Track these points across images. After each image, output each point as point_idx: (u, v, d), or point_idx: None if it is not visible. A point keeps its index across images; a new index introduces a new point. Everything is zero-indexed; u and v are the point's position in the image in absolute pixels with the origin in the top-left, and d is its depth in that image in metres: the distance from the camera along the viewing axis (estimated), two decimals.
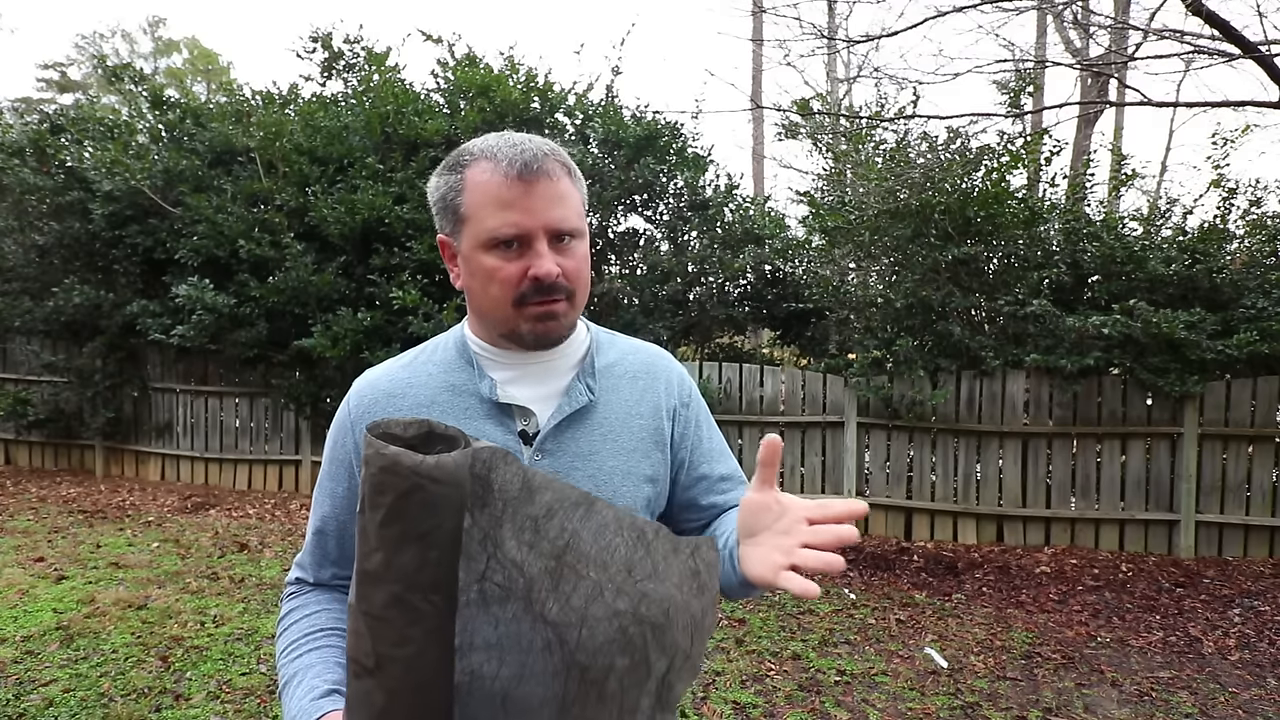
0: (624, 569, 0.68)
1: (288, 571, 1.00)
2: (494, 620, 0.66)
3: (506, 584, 0.66)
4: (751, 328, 7.75)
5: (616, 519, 0.70)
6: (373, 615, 0.65)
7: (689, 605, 0.72)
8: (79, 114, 7.46)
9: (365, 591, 0.65)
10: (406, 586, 0.64)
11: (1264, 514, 4.88)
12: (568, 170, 0.89)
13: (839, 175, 6.81)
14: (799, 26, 18.85)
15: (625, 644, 0.68)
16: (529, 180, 0.84)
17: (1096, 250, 5.15)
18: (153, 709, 2.83)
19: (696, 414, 1.04)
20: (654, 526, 0.71)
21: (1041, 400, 5.20)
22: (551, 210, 0.85)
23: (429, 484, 0.63)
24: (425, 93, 6.95)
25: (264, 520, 5.79)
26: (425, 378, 0.95)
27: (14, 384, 7.45)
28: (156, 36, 26.68)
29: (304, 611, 0.95)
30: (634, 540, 0.69)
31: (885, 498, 5.50)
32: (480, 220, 0.85)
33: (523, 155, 0.85)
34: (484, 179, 0.85)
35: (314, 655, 0.88)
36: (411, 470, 0.63)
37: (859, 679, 3.21)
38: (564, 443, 0.91)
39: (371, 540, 0.64)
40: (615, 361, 0.99)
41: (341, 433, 0.96)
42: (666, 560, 0.70)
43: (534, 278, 0.84)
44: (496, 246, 0.85)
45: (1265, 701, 3.04)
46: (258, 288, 5.98)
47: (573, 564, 0.67)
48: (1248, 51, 4.22)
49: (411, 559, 0.64)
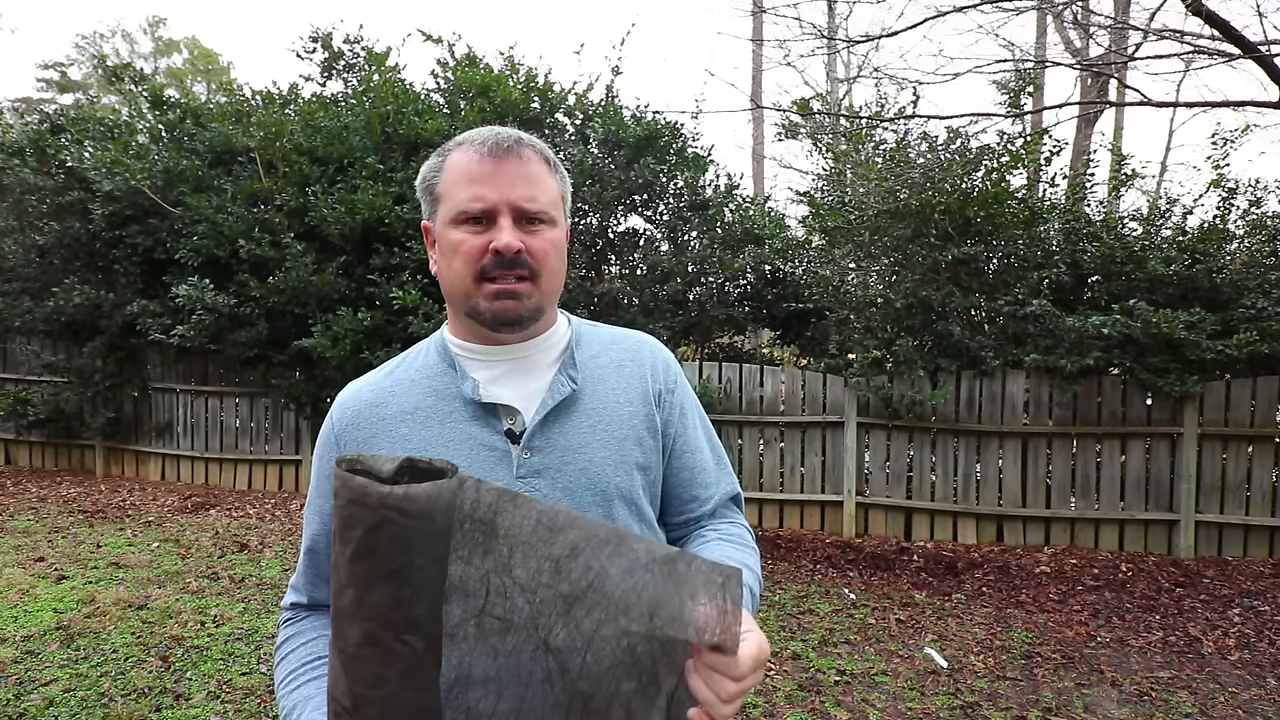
0: (647, 614, 0.65)
1: (288, 572, 1.00)
2: (493, 652, 0.64)
3: (507, 616, 0.64)
4: (751, 328, 7.75)
5: (649, 552, 0.66)
6: (347, 654, 0.62)
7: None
8: (79, 114, 7.46)
9: (340, 628, 0.62)
10: (379, 625, 0.61)
11: (1264, 514, 4.88)
12: (545, 160, 0.92)
13: (839, 175, 6.82)
14: (799, 26, 18.86)
15: (632, 665, 0.66)
16: (499, 158, 0.88)
17: (1096, 250, 5.14)
18: (153, 709, 2.83)
19: (681, 400, 1.02)
20: (686, 558, 0.67)
21: (1041, 400, 5.20)
22: (518, 188, 0.87)
23: (398, 517, 0.59)
24: (425, 93, 6.95)
25: (264, 520, 5.80)
26: (407, 384, 0.94)
27: (14, 384, 7.45)
28: (156, 36, 26.69)
29: (301, 640, 0.92)
30: (664, 575, 0.66)
31: (885, 498, 5.50)
32: (451, 197, 0.89)
33: (496, 137, 0.89)
34: (460, 160, 0.90)
35: (313, 686, 0.87)
36: (379, 502, 0.59)
37: (859, 679, 3.21)
38: (552, 438, 0.90)
39: (343, 576, 0.61)
40: (598, 353, 0.98)
41: (326, 448, 0.95)
42: (694, 596, 0.67)
43: (494, 250, 0.85)
44: (465, 221, 0.87)
45: (1265, 701, 3.04)
46: (258, 288, 5.98)
47: (592, 603, 0.65)
48: (1248, 51, 4.22)
49: (384, 597, 0.60)
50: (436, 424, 0.90)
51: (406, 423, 0.91)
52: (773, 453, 5.81)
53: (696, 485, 1.02)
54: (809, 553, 5.10)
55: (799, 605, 4.10)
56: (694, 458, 1.02)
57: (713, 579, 0.67)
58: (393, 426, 0.91)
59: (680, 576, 0.66)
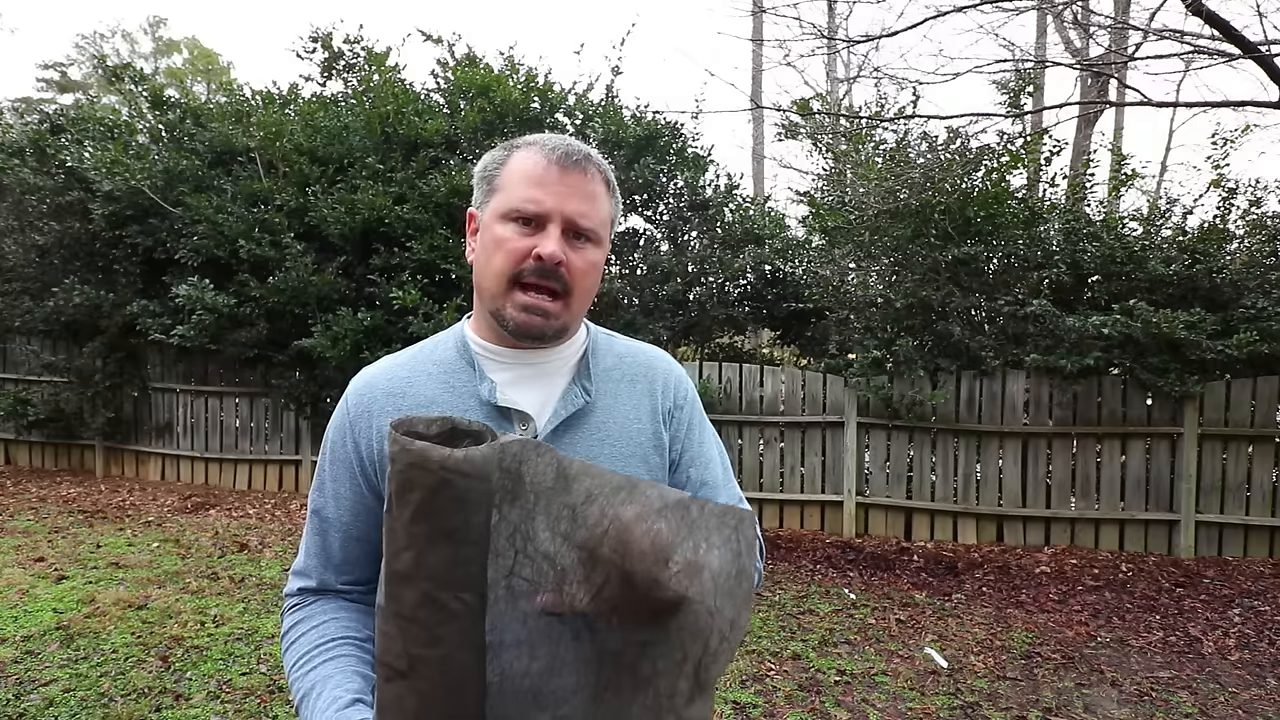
0: (662, 559, 0.66)
1: (288, 572, 0.99)
2: (522, 616, 0.66)
3: (535, 578, 0.65)
4: (751, 328, 7.75)
5: (661, 498, 0.68)
6: (403, 616, 0.64)
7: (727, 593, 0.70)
8: (79, 114, 7.46)
9: (395, 591, 0.64)
10: (437, 585, 0.63)
11: (1264, 514, 4.88)
12: (606, 181, 0.93)
13: (839, 175, 6.81)
14: (799, 26, 18.87)
15: (657, 626, 0.67)
16: (565, 168, 0.88)
17: (1096, 250, 5.14)
18: (153, 709, 2.83)
19: (690, 417, 1.03)
20: (699, 503, 0.69)
21: (1041, 400, 5.20)
22: (576, 202, 0.88)
23: (458, 479, 0.62)
24: (425, 93, 6.95)
25: (264, 520, 5.80)
26: (425, 377, 0.94)
27: (14, 384, 7.45)
28: (157, 37, 26.69)
29: (312, 623, 0.91)
30: (678, 520, 0.67)
31: (885, 498, 5.50)
32: (509, 191, 0.89)
33: (567, 146, 0.89)
34: (526, 158, 0.90)
35: (331, 665, 0.86)
36: (440, 465, 0.62)
37: (859, 679, 3.21)
38: (562, 449, 0.90)
39: (400, 538, 0.63)
40: (613, 365, 0.99)
41: (341, 433, 0.94)
42: (708, 539, 0.68)
43: (537, 255, 0.85)
44: (515, 220, 0.87)
45: (1265, 701, 3.04)
46: (258, 288, 5.98)
47: (608, 554, 0.66)
48: (1248, 51, 4.22)
49: (441, 556, 0.63)
50: None
51: (423, 415, 0.91)
52: (773, 453, 5.81)
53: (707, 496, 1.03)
54: (809, 553, 5.10)
55: (799, 605, 4.10)
56: (705, 472, 1.03)
57: (726, 521, 0.69)
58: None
59: (693, 520, 0.67)
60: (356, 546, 0.94)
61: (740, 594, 0.70)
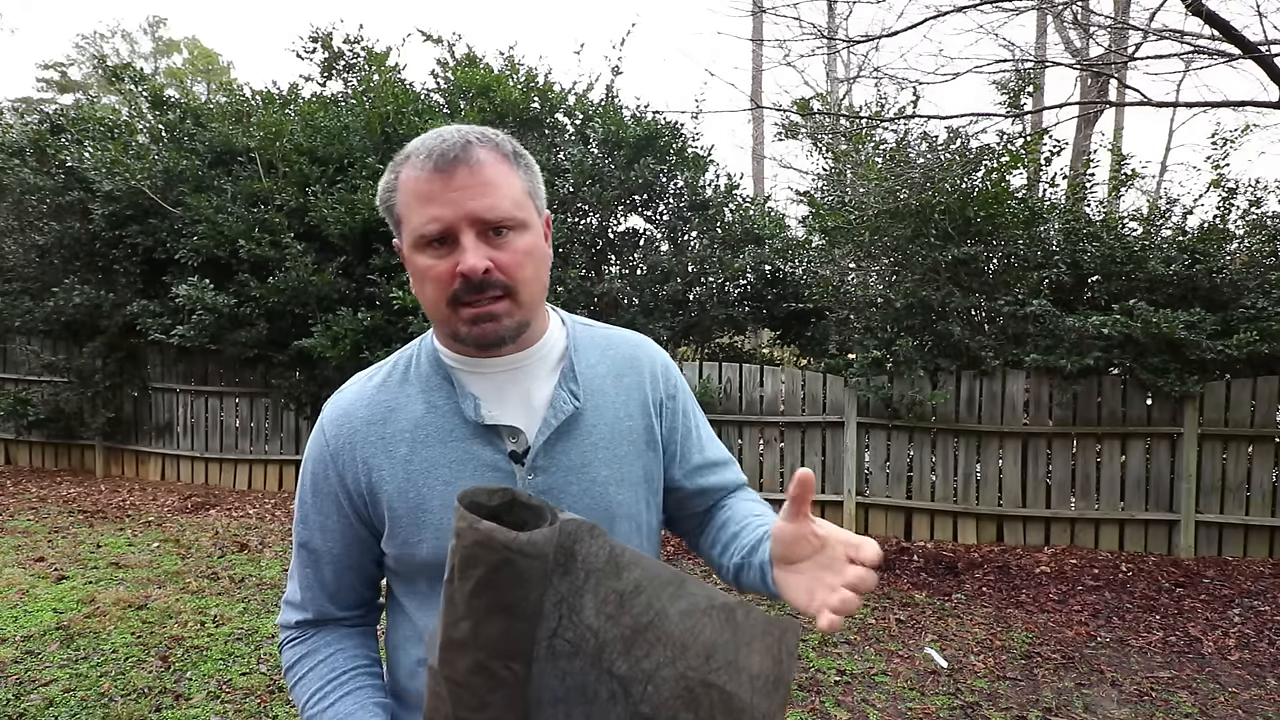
0: (704, 655, 0.69)
1: (288, 571, 0.99)
2: (561, 674, 0.68)
3: (577, 641, 0.68)
4: (751, 328, 7.75)
5: (708, 598, 0.71)
6: (455, 681, 0.67)
7: (759, 705, 0.72)
8: (79, 114, 7.46)
9: (449, 657, 0.67)
10: (490, 654, 0.66)
11: (1264, 514, 4.88)
12: (503, 157, 0.84)
13: (839, 175, 6.80)
14: (799, 26, 18.85)
15: (690, 700, 0.69)
16: (445, 171, 0.80)
17: (1096, 250, 5.14)
18: (153, 709, 2.83)
19: (683, 404, 1.02)
20: (745, 607, 0.71)
21: (1041, 400, 5.20)
22: (472, 200, 0.80)
23: (520, 559, 0.65)
24: (425, 93, 6.95)
25: (264, 520, 5.80)
26: (405, 400, 0.90)
27: (14, 384, 7.45)
28: (157, 37, 26.69)
29: (319, 656, 0.90)
30: (722, 621, 0.70)
31: (885, 498, 5.50)
32: (409, 218, 0.83)
33: (440, 146, 0.81)
34: (410, 176, 0.82)
35: (349, 701, 0.86)
36: (504, 545, 0.64)
37: (859, 679, 3.21)
38: (555, 458, 0.88)
39: (460, 609, 0.66)
40: (596, 361, 0.95)
41: (322, 465, 0.90)
42: (750, 645, 0.71)
43: (460, 274, 0.79)
44: (428, 245, 0.81)
45: (1265, 701, 3.04)
46: (258, 288, 5.98)
47: (652, 640, 0.69)
48: (1248, 51, 4.21)
49: (497, 628, 0.66)
50: (438, 443, 0.87)
51: (407, 442, 0.88)
52: (773, 453, 5.81)
53: (709, 476, 1.03)
54: None
55: None
56: (707, 453, 1.04)
57: (770, 630, 0.72)
58: (393, 446, 0.88)
59: (738, 625, 0.71)
60: (351, 575, 0.92)
61: (777, 698, 0.73)
